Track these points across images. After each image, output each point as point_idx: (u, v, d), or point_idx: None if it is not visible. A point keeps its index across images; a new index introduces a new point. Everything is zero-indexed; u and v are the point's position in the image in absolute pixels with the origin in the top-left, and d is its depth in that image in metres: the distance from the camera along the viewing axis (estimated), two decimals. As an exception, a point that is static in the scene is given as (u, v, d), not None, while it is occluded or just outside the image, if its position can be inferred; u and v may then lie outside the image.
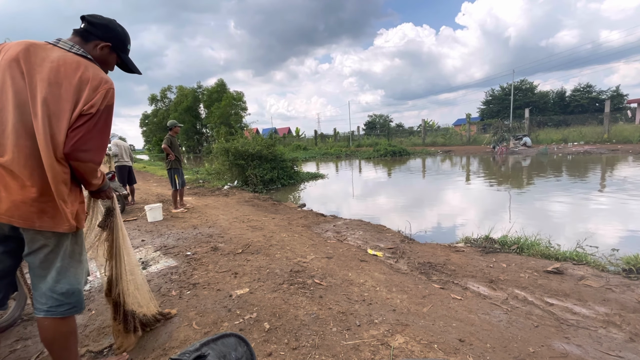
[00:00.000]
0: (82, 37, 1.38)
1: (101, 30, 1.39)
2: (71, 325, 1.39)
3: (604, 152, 14.44)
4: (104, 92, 1.28)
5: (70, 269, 1.35)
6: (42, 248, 1.28)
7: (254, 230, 4.40)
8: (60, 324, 1.34)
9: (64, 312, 1.33)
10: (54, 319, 1.32)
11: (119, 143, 6.70)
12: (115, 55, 1.48)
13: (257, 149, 9.37)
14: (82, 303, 1.40)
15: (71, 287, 1.34)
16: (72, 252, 1.36)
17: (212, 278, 2.79)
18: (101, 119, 1.28)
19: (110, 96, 1.31)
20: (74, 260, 1.36)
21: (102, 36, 1.40)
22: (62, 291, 1.32)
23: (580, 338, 1.87)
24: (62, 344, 1.37)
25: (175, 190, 5.98)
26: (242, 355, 0.38)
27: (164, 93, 38.32)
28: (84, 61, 1.30)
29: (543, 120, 25.44)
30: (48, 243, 1.28)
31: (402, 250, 3.52)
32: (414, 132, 34.15)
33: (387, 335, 1.88)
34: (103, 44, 1.40)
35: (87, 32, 1.38)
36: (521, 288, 2.52)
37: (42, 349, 1.83)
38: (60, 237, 1.30)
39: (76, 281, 1.37)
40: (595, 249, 3.29)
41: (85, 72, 1.27)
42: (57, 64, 1.25)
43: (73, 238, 1.36)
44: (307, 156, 22.65)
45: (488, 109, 40.40)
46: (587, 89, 35.68)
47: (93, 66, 1.32)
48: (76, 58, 1.29)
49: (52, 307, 1.31)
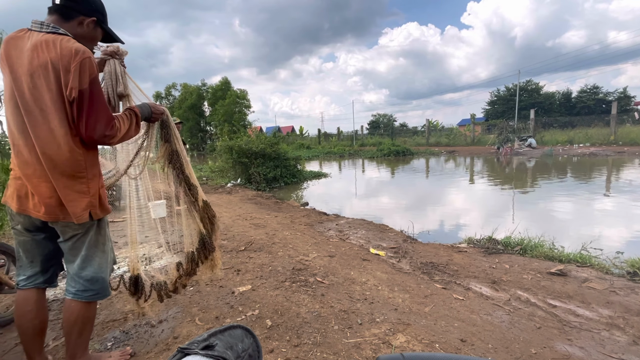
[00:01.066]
0: (60, 15, 1.28)
1: (83, 4, 1.30)
2: (92, 312, 1.45)
3: (610, 154, 14.30)
4: (78, 68, 1.16)
5: (95, 258, 1.40)
6: (71, 238, 1.35)
7: (256, 228, 4.42)
8: (83, 308, 1.41)
9: (88, 297, 1.40)
10: (79, 302, 1.39)
11: None
12: (100, 29, 1.39)
13: (261, 147, 9.39)
14: (106, 290, 1.45)
15: (95, 275, 1.40)
16: (97, 241, 1.41)
17: (214, 274, 2.81)
18: (90, 97, 1.19)
19: (88, 67, 1.19)
20: (97, 250, 1.41)
21: (86, 11, 1.31)
22: (87, 278, 1.38)
23: (583, 340, 1.86)
24: (79, 329, 1.42)
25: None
26: (249, 346, 0.39)
27: (169, 90, 38.46)
28: (52, 37, 1.20)
29: (548, 122, 25.24)
30: (75, 233, 1.35)
31: (404, 249, 3.52)
32: (417, 132, 34.09)
33: (389, 334, 1.89)
34: (88, 19, 1.31)
35: (66, 9, 1.28)
36: (524, 289, 2.51)
37: (47, 341, 1.86)
38: (85, 227, 1.35)
39: (100, 269, 1.42)
40: (600, 252, 3.27)
41: (54, 52, 1.17)
42: (31, 52, 1.18)
43: (97, 229, 1.40)
44: (310, 155, 22.65)
45: (493, 110, 40.18)
46: (593, 90, 35.37)
47: (61, 39, 1.19)
48: (44, 37, 1.19)
49: (79, 291, 1.39)
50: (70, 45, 1.18)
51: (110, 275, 1.53)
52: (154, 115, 1.54)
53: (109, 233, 1.50)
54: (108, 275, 1.48)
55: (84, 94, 1.19)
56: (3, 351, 1.79)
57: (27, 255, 1.41)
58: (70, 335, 1.44)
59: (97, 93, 1.23)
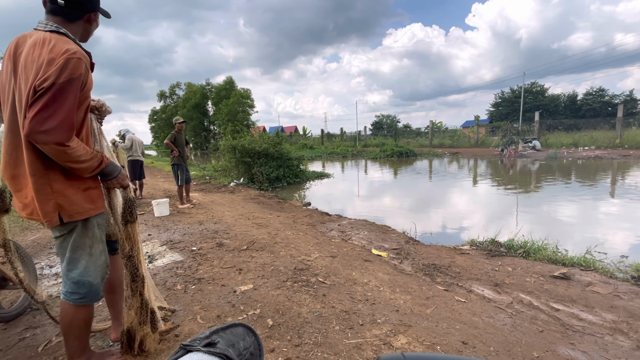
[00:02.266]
0: (64, 17, 1.27)
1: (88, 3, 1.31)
2: (84, 315, 1.42)
3: (615, 158, 14.18)
4: (62, 63, 1.13)
5: (80, 260, 1.36)
6: (57, 238, 1.35)
7: (259, 227, 4.43)
8: (74, 311, 1.39)
9: (74, 300, 1.37)
10: (69, 304, 1.38)
11: (133, 138, 6.79)
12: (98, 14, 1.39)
13: (264, 146, 9.41)
14: (92, 295, 1.40)
15: (81, 278, 1.36)
16: (81, 243, 1.35)
17: (216, 273, 2.82)
18: (61, 93, 1.12)
19: (72, 67, 1.14)
20: (84, 252, 1.36)
21: (91, 7, 1.32)
22: (74, 280, 1.36)
23: (585, 344, 1.84)
24: (74, 332, 1.42)
25: (180, 187, 6.04)
26: (250, 344, 0.39)
27: (173, 90, 38.64)
28: (50, 36, 1.20)
29: (553, 124, 25.09)
30: (60, 234, 1.34)
31: (406, 251, 3.51)
32: (421, 133, 33.94)
33: (390, 335, 1.88)
34: (93, 13, 1.34)
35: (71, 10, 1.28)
36: (527, 292, 2.50)
37: (50, 337, 1.87)
38: (68, 228, 1.33)
39: (85, 272, 1.36)
40: (604, 256, 3.24)
41: (46, 47, 1.16)
42: (29, 48, 1.19)
43: (82, 230, 1.35)
44: (313, 155, 22.67)
45: (497, 112, 39.95)
46: (599, 92, 35.04)
47: (59, 39, 1.20)
48: (44, 35, 1.20)
49: (67, 292, 1.38)
50: (66, 46, 1.17)
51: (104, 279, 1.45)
52: (116, 180, 1.42)
53: (99, 235, 1.41)
54: (98, 279, 1.41)
55: (54, 87, 1.10)
56: (7, 346, 1.81)
57: None
58: (66, 336, 1.43)
59: (68, 94, 1.14)
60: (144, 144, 7.16)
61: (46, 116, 1.10)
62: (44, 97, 1.10)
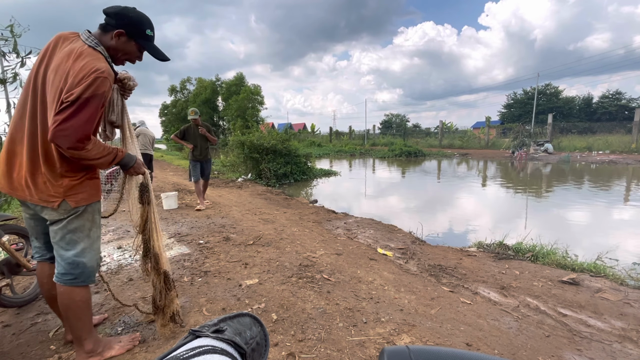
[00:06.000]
0: (102, 30, 1.43)
1: (115, 18, 1.42)
2: (82, 296, 1.47)
3: (630, 163, 13.83)
4: (90, 81, 1.25)
5: (79, 242, 1.44)
6: (57, 222, 1.42)
7: (265, 223, 4.46)
8: (70, 292, 1.45)
9: (67, 280, 1.44)
10: (64, 287, 1.44)
11: (143, 131, 6.84)
12: (134, 42, 1.47)
13: (272, 143, 9.43)
14: (86, 276, 1.47)
15: (76, 259, 1.44)
16: (82, 226, 1.44)
17: (223, 267, 2.85)
18: (83, 107, 1.24)
19: (98, 85, 1.27)
20: (82, 234, 1.45)
21: (115, 24, 1.42)
22: (68, 260, 1.43)
23: (593, 351, 1.81)
24: (75, 314, 1.47)
25: (195, 184, 5.46)
26: (257, 334, 0.40)
27: (184, 84, 38.98)
28: (87, 51, 1.32)
29: (567, 127, 24.58)
30: (62, 217, 1.41)
31: (412, 251, 3.49)
32: (430, 133, 33.61)
33: (393, 334, 1.88)
34: (117, 31, 1.42)
35: (105, 24, 1.43)
36: (534, 296, 2.47)
37: (61, 323, 1.92)
38: (72, 212, 1.41)
39: (82, 253, 1.45)
40: (615, 262, 3.18)
41: (80, 62, 1.27)
42: (64, 54, 1.31)
43: (84, 214, 1.44)
44: (321, 153, 22.65)
45: (509, 113, 39.32)
46: (616, 95, 34.20)
47: (93, 56, 1.32)
48: (82, 48, 1.32)
49: (60, 273, 1.44)
50: (97, 65, 1.29)
51: (100, 267, 1.56)
52: (132, 169, 1.55)
53: (98, 220, 1.52)
54: (92, 263, 1.49)
55: (79, 101, 1.23)
56: (20, 330, 1.86)
57: (31, 232, 1.55)
58: (68, 319, 1.49)
59: (89, 108, 1.26)
60: (155, 138, 7.21)
61: (67, 126, 1.22)
62: (68, 110, 1.22)
